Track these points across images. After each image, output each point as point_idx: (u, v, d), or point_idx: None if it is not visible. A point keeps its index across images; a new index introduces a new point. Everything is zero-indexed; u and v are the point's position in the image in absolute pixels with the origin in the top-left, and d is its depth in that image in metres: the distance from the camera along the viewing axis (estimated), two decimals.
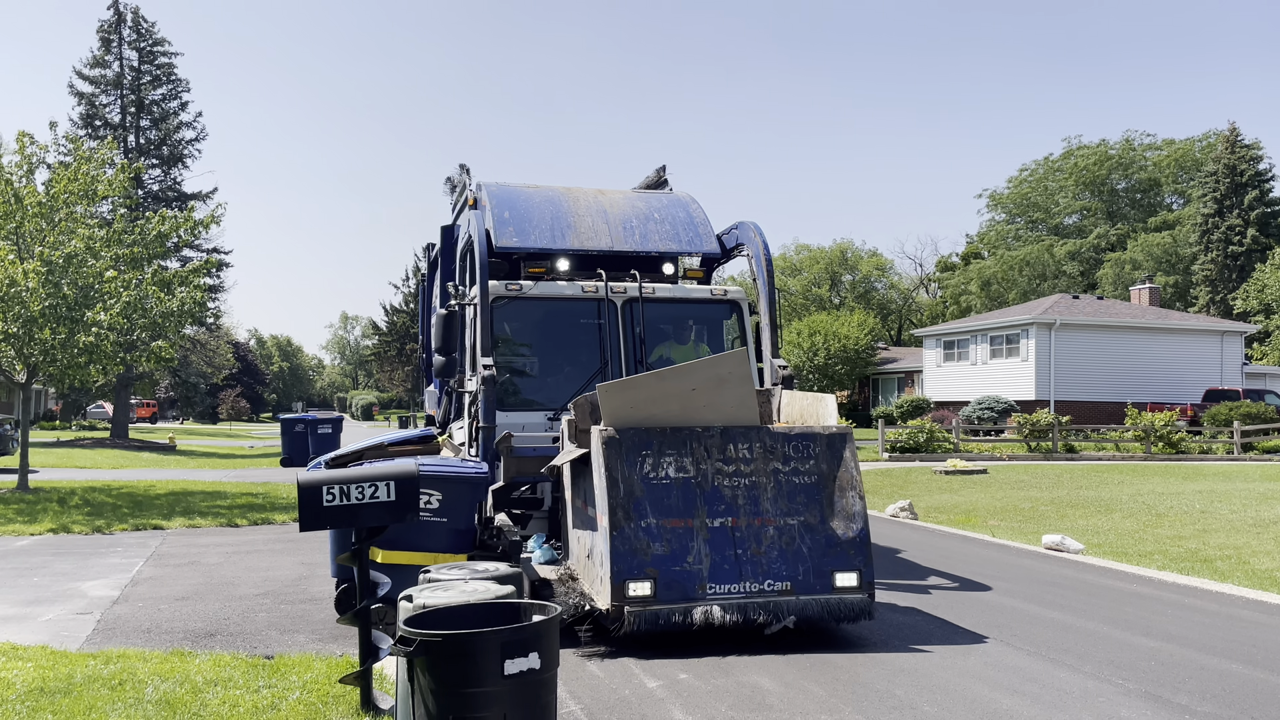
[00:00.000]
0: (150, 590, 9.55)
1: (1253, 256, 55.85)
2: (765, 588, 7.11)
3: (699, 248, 11.14)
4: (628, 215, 11.31)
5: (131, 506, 16.04)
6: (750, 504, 7.25)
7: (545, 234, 10.74)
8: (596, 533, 7.26)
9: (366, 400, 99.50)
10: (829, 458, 7.50)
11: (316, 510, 5.33)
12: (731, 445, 7.37)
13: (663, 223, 11.30)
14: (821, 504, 7.37)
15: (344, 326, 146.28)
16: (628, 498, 7.04)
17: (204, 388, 66.67)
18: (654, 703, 6.12)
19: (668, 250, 11.03)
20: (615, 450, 7.14)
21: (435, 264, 16.78)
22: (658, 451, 7.22)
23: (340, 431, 27.54)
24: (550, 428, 9.63)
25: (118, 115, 45.00)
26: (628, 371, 10.02)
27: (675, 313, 10.81)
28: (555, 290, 10.30)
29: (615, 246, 10.85)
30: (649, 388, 7.33)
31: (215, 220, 21.39)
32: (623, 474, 7.10)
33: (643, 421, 7.29)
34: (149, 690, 5.94)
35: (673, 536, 7.04)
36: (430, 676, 4.18)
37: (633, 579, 6.92)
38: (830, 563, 7.25)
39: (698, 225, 11.37)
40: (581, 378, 10.01)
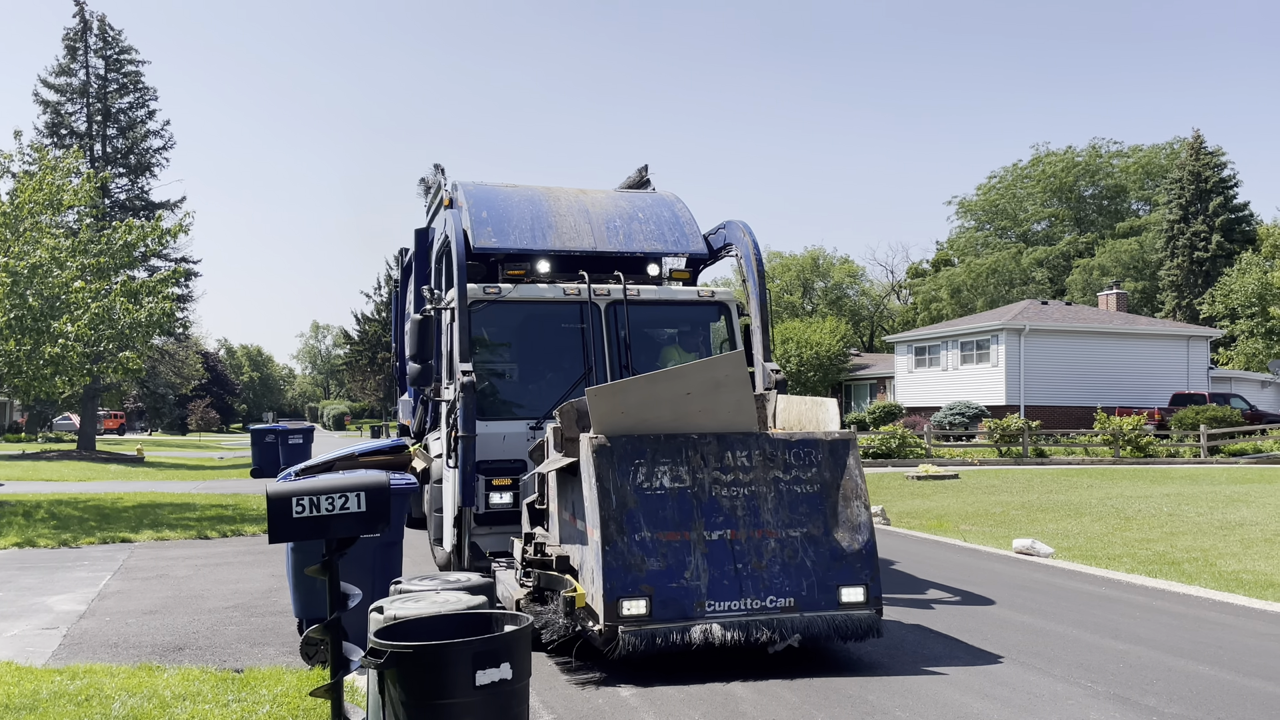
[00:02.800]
0: (118, 604, 9.43)
1: (1218, 262, 56.58)
2: (767, 604, 6.66)
3: (685, 248, 10.79)
4: (611, 215, 10.95)
5: (99, 519, 15.84)
6: (750, 515, 6.82)
7: (525, 234, 10.35)
8: (586, 547, 6.80)
9: (338, 410, 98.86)
10: (832, 465, 7.07)
11: (286, 522, 5.27)
12: (729, 453, 6.95)
13: (647, 223, 10.94)
14: (825, 514, 6.93)
15: (315, 336, 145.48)
16: (620, 509, 6.60)
17: (173, 398, 66.09)
18: (627, 710, 6.11)
19: (653, 251, 10.68)
20: (606, 459, 6.70)
21: (409, 269, 16.34)
22: (651, 460, 6.78)
23: (311, 442, 27.33)
24: (533, 437, 9.20)
25: (84, 124, 44.58)
26: (613, 377, 9.60)
27: (661, 315, 10.49)
28: (536, 293, 9.90)
29: (598, 247, 10.48)
30: (640, 392, 6.92)
31: (183, 229, 21.19)
32: (615, 484, 6.65)
33: (634, 428, 6.88)
34: (116, 706, 5.86)
35: (669, 551, 6.58)
36: (401, 688, 4.16)
37: (627, 596, 6.45)
38: (835, 577, 6.81)
39: (683, 225, 11.03)
40: (564, 384, 9.64)
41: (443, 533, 9.99)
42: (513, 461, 9.22)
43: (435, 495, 10.36)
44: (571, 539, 7.26)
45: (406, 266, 16.55)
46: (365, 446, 8.51)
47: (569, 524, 7.38)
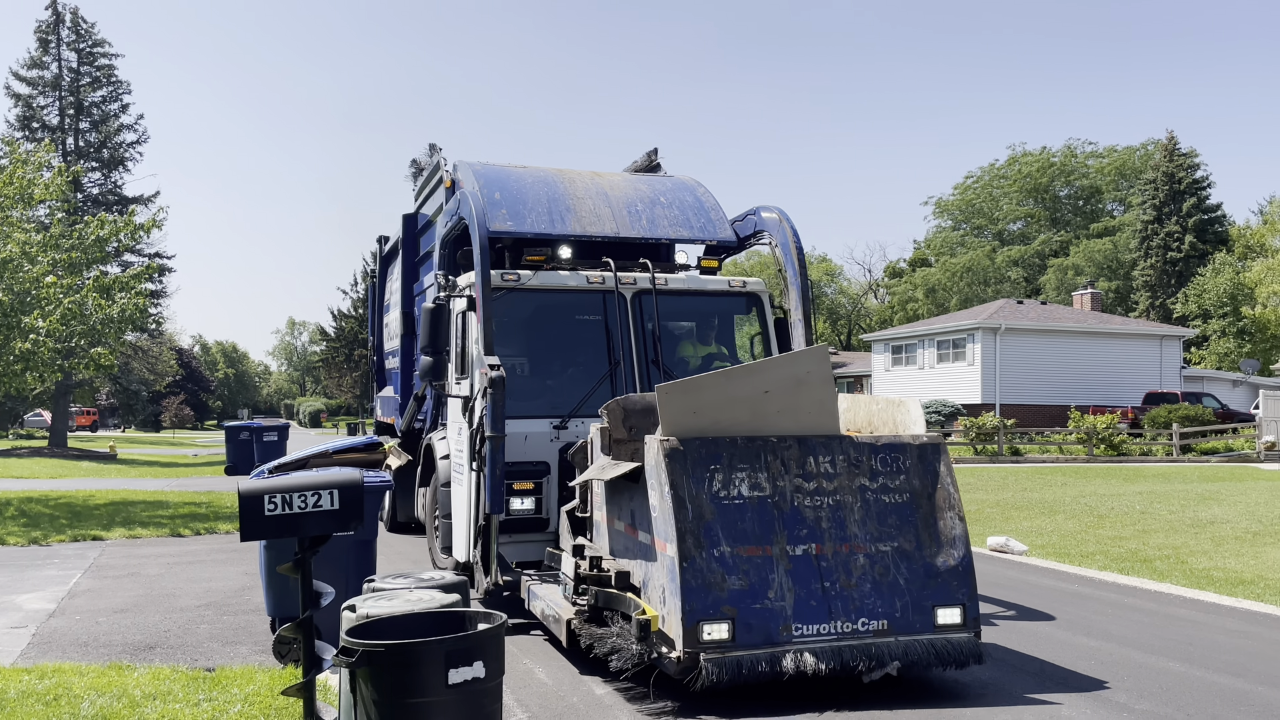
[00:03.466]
0: (88, 603, 9.34)
1: (1191, 262, 57.16)
2: (859, 627, 6.01)
3: (712, 235, 10.02)
4: (631, 199, 10.18)
5: (70, 517, 15.68)
6: (836, 527, 6.17)
7: (543, 218, 9.57)
8: (653, 564, 6.12)
9: (314, 407, 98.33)
10: (921, 472, 6.43)
11: (258, 519, 5.24)
12: (811, 458, 6.30)
13: (670, 207, 10.18)
14: (917, 527, 6.30)
15: (291, 332, 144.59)
16: (697, 521, 5.92)
17: (146, 395, 65.55)
18: (601, 709, 6.10)
19: (679, 237, 9.96)
20: (680, 464, 6.01)
21: (390, 258, 15.72)
22: (728, 466, 6.11)
23: (286, 439, 27.13)
24: (556, 437, 8.64)
25: (56, 117, 44.13)
26: (640, 372, 9.00)
27: (689, 307, 9.82)
28: (557, 281, 9.15)
29: (621, 232, 9.71)
30: (715, 390, 6.29)
31: (157, 224, 21.01)
32: (690, 493, 5.97)
33: (707, 430, 6.23)
34: (85, 705, 5.80)
35: (750, 567, 5.93)
36: (372, 687, 4.14)
37: (708, 619, 5.77)
38: (931, 596, 6.18)
39: (708, 211, 10.28)
40: (587, 380, 8.98)
41: (452, 540, 9.34)
42: (535, 464, 8.57)
43: (444, 499, 9.62)
44: (630, 553, 6.59)
45: (387, 255, 15.98)
46: (339, 444, 8.46)
47: (624, 535, 6.73)
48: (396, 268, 14.65)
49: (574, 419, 8.66)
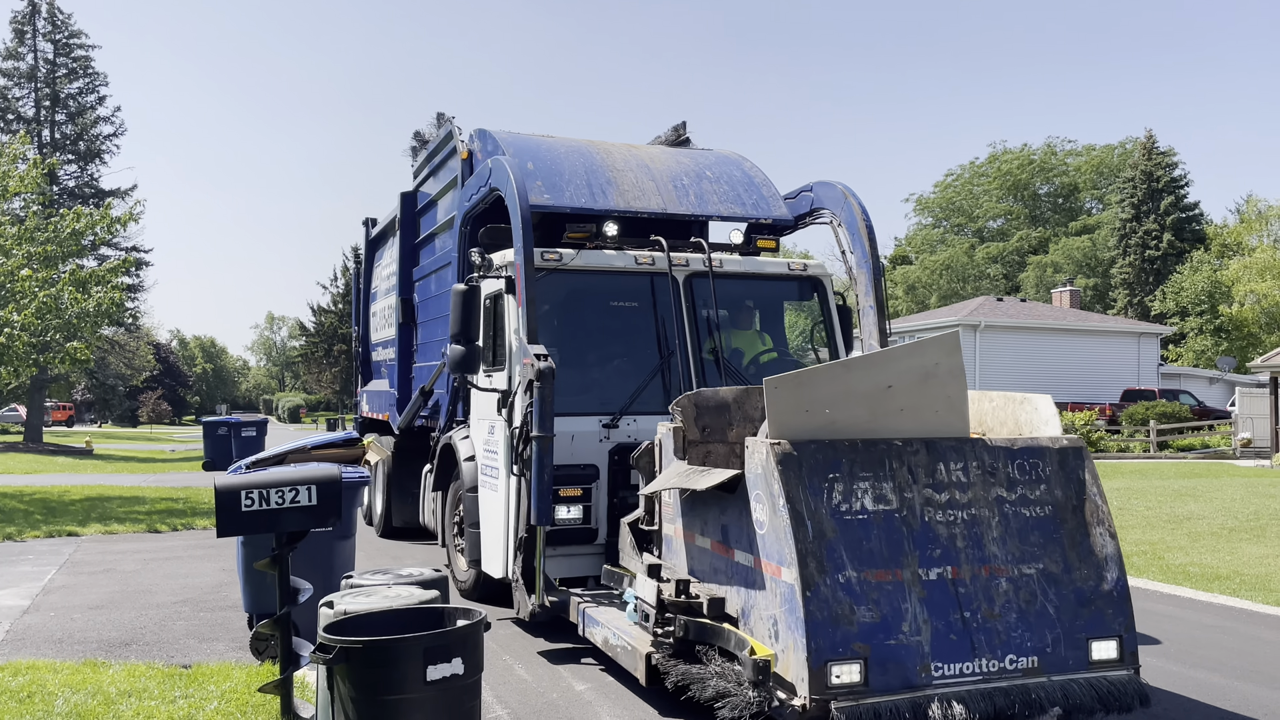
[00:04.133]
0: (63, 599, 9.25)
1: (1169, 260, 57.58)
2: (1007, 665, 5.12)
3: (766, 213, 9.15)
4: (675, 172, 9.26)
5: (45, 513, 15.54)
6: (973, 547, 5.33)
7: (582, 191, 8.66)
8: (761, 591, 5.28)
9: (293, 402, 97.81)
10: (1063, 481, 5.59)
11: (235, 515, 5.20)
12: (941, 465, 5.45)
13: (718, 182, 9.29)
14: (1063, 545, 5.47)
15: (270, 327, 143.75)
16: (818, 541, 5.03)
17: (123, 390, 65.08)
18: (581, 705, 6.09)
19: (730, 215, 9.07)
20: (795, 472, 5.12)
21: (379, 242, 14.78)
22: (849, 474, 5.22)
23: (265, 434, 26.99)
24: (605, 437, 7.81)
25: (32, 109, 43.72)
26: (695, 364, 8.19)
27: (744, 292, 8.93)
28: (602, 261, 8.27)
29: (668, 209, 8.82)
30: (831, 384, 5.48)
31: (134, 218, 20.83)
32: (808, 506, 5.08)
33: (821, 431, 5.38)
34: (59, 702, 5.74)
35: (880, 595, 5.05)
36: (350, 684, 4.11)
37: (837, 659, 4.83)
38: (1084, 627, 5.31)
39: (759, 186, 9.43)
40: (635, 373, 8.13)
41: (480, 552, 8.41)
42: (584, 467, 7.70)
43: (469, 507, 8.68)
44: (720, 575, 5.73)
45: (375, 240, 14.97)
46: (318, 439, 8.40)
47: (710, 554, 5.85)
48: (388, 252, 13.74)
49: (626, 417, 7.89)
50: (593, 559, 7.78)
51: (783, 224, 9.26)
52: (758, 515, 5.30)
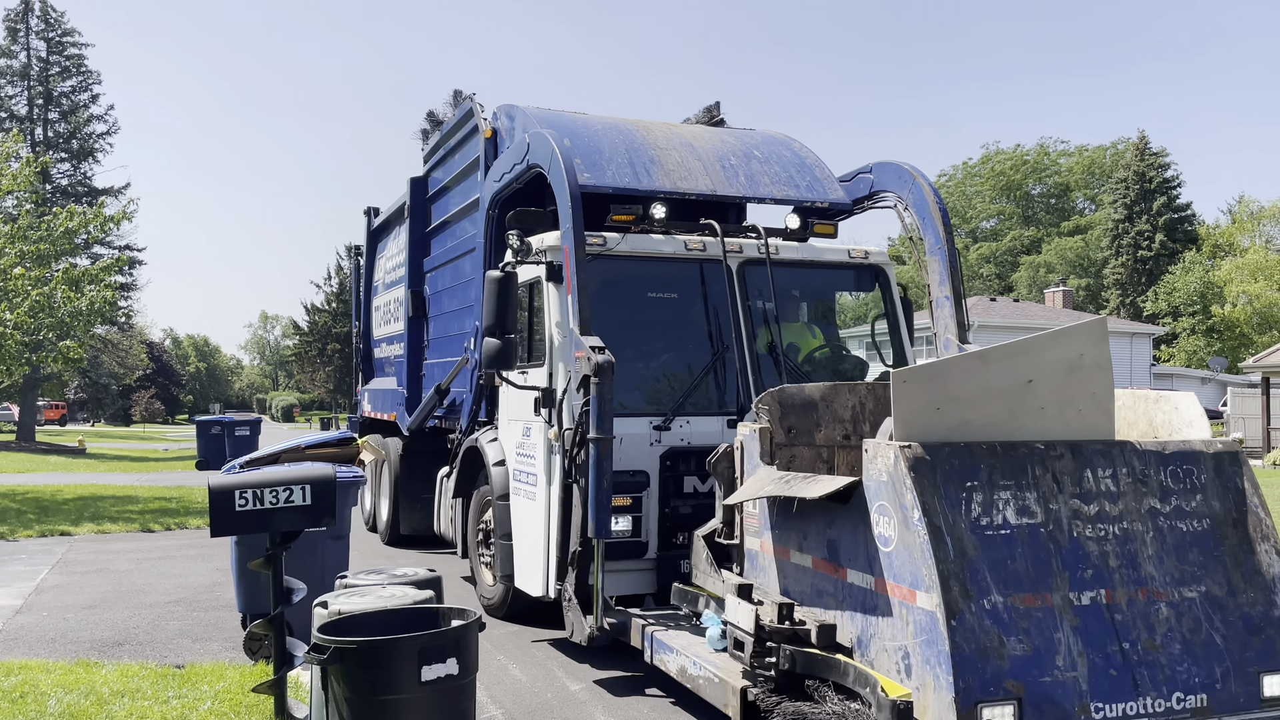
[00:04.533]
0: (56, 599, 9.23)
1: (1161, 261, 57.74)
2: (1174, 706, 4.43)
3: (822, 196, 8.41)
4: (722, 152, 8.56)
5: (37, 512, 15.50)
6: (1127, 566, 4.65)
7: (625, 170, 7.95)
8: (886, 618, 4.59)
9: (287, 402, 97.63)
10: (1220, 490, 4.91)
11: (229, 515, 5.20)
12: (1088, 472, 4.77)
13: (768, 163, 8.57)
14: (1225, 564, 4.79)
15: (264, 326, 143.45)
16: (960, 560, 4.34)
17: (116, 389, 64.94)
18: (576, 705, 6.09)
19: (784, 198, 8.31)
20: (929, 480, 4.45)
21: (382, 232, 13.92)
22: (988, 483, 4.55)
23: (259, 433, 26.92)
24: (657, 440, 7.13)
25: (24, 107, 43.59)
26: (751, 359, 7.49)
27: (800, 281, 8.36)
28: (650, 246, 7.61)
29: (718, 190, 8.11)
30: (965, 379, 4.81)
31: (127, 216, 20.75)
32: (946, 520, 4.41)
33: (953, 432, 4.71)
34: (52, 703, 5.73)
35: (1029, 624, 4.35)
36: (345, 684, 4.11)
37: (988, 699, 4.13)
38: (1254, 659, 4.63)
39: (812, 168, 8.72)
40: (686, 369, 7.52)
41: (514, 567, 7.71)
42: (633, 473, 7.03)
43: (500, 516, 7.93)
44: (827, 598, 5.05)
45: (377, 230, 14.11)
46: (312, 439, 8.39)
47: (812, 574, 5.21)
48: (394, 242, 12.92)
49: (680, 417, 7.23)
50: (643, 575, 7.17)
51: (839, 208, 8.53)
52: (881, 530, 4.63)
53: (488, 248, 8.65)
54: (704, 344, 7.62)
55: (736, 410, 7.29)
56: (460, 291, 9.87)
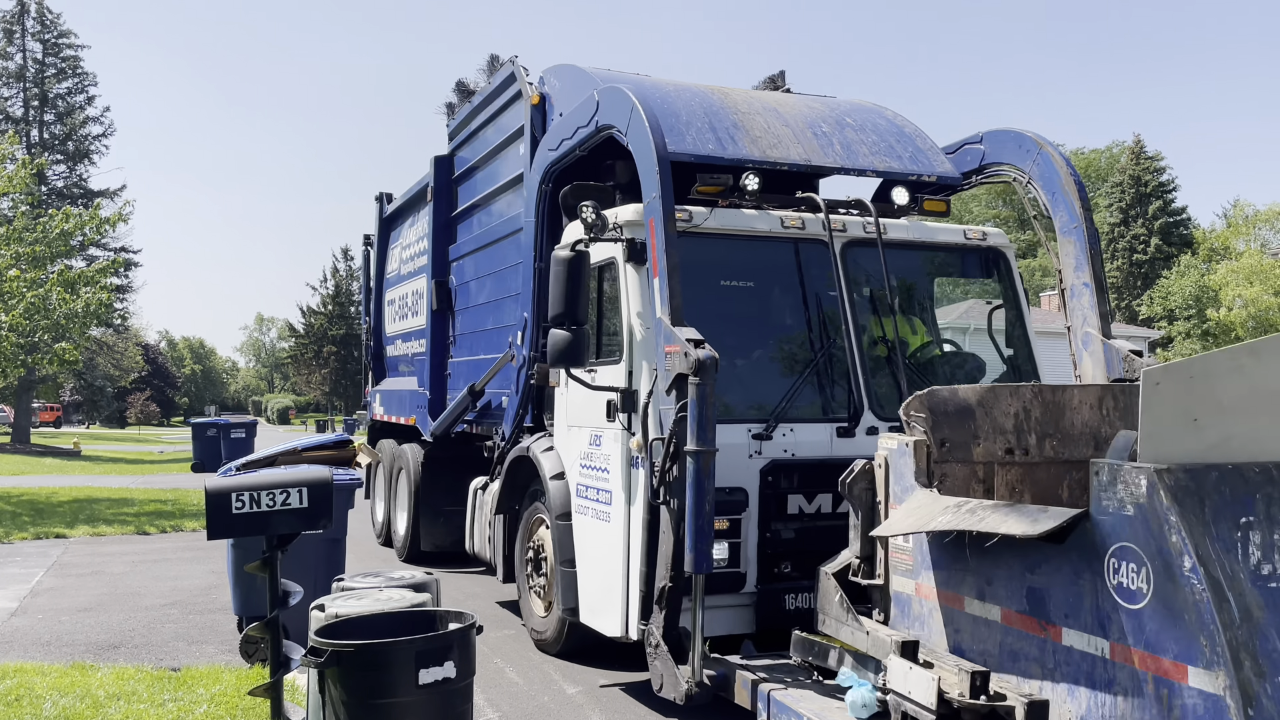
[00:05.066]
0: (51, 601, 9.20)
1: (1156, 265, 57.86)
2: None
3: (928, 168, 7.34)
4: (811, 118, 7.45)
5: (32, 514, 15.46)
6: None
7: (706, 136, 6.81)
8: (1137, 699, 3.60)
9: (283, 404, 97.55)
10: None
11: (225, 517, 5.18)
12: None
13: (863, 131, 7.50)
14: None
15: (259, 328, 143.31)
16: (1246, 625, 3.35)
17: (111, 391, 64.81)
18: (573, 709, 6.08)
19: (888, 170, 7.21)
20: (1196, 516, 3.47)
21: (396, 220, 12.90)
22: (1266, 519, 3.53)
23: (254, 436, 26.90)
24: (756, 451, 6.07)
25: (20, 109, 43.55)
26: (860, 355, 6.46)
27: (911, 265, 7.34)
28: (741, 223, 6.56)
29: (812, 160, 7.00)
30: (1229, 380, 3.76)
31: (123, 218, 20.75)
32: (1224, 570, 3.42)
33: (1212, 451, 3.67)
34: (47, 706, 5.72)
35: None
36: (342, 688, 4.10)
37: None
38: None
39: (913, 138, 7.66)
40: (785, 367, 6.53)
41: (578, 600, 6.61)
42: (729, 491, 5.92)
43: (561, 538, 6.80)
44: (1031, 664, 4.05)
45: (391, 218, 13.08)
46: (308, 441, 8.38)
47: (1003, 630, 4.20)
48: (411, 229, 12.00)
49: (783, 425, 6.18)
50: (740, 612, 6.08)
51: (948, 182, 7.45)
52: (1123, 580, 3.66)
53: (539, 228, 7.61)
54: (805, 338, 6.65)
55: (848, 417, 6.34)
56: (497, 280, 8.98)
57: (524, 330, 7.75)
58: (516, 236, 8.26)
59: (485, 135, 9.57)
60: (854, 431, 6.30)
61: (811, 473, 6.06)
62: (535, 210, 7.65)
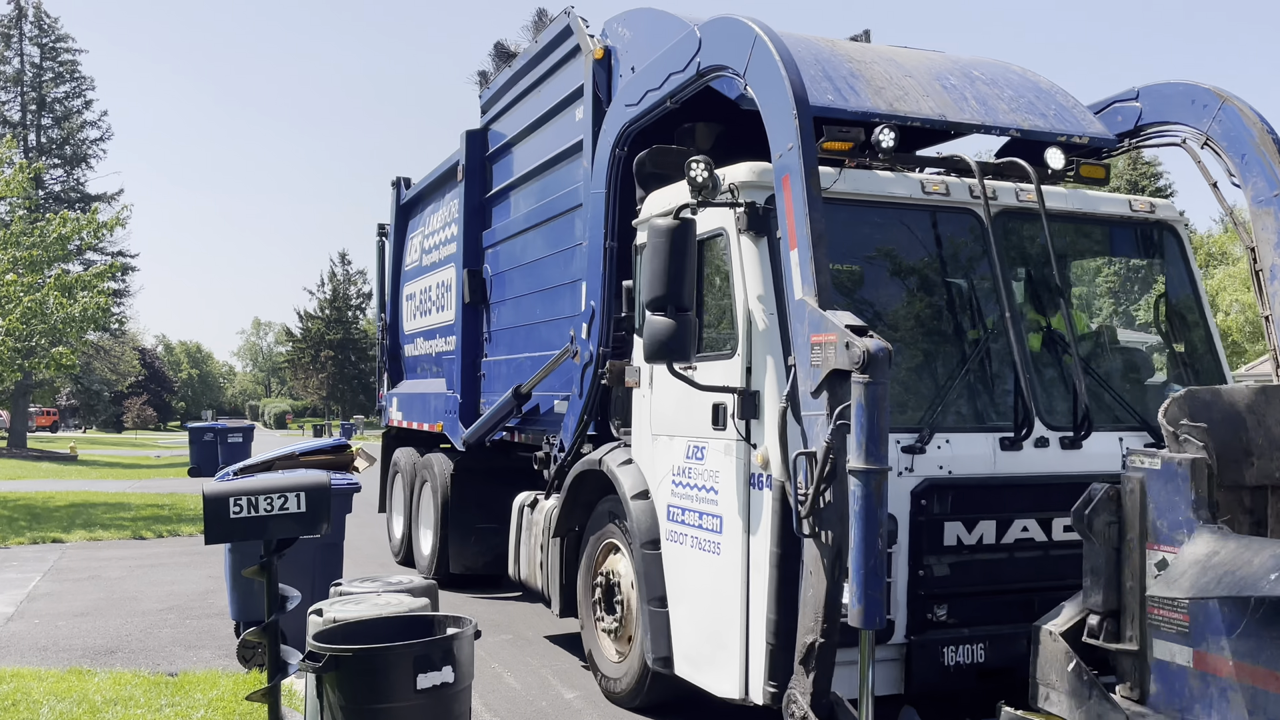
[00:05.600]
0: (48, 606, 9.19)
1: None
2: None
3: (1078, 128, 6.12)
4: (936, 70, 6.24)
5: (29, 519, 15.43)
6: None
7: (822, 84, 5.59)
8: None
9: (280, 408, 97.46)
10: None
11: (223, 522, 5.17)
12: None
13: (996, 84, 6.30)
14: None
15: (256, 333, 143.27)
16: None
17: (108, 395, 64.80)
18: (571, 713, 6.08)
19: (1034, 129, 6.00)
20: None
21: (416, 207, 11.81)
22: None
23: (251, 440, 26.87)
24: (908, 468, 4.99)
25: (18, 113, 43.59)
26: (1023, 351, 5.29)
27: (1068, 239, 6.20)
28: (877, 187, 5.47)
29: (947, 115, 5.80)
30: None
31: (120, 222, 20.83)
32: None
33: None
34: (44, 711, 5.71)
35: None
36: (340, 692, 4.10)
37: None
38: None
39: (1053, 94, 6.46)
40: (932, 362, 5.49)
41: (671, 647, 5.60)
42: None
43: (650, 571, 5.74)
44: None
45: (410, 204, 12.01)
46: (306, 445, 8.38)
47: None
48: (435, 215, 10.93)
49: (938, 435, 5.08)
50: (885, 669, 4.91)
51: (1101, 144, 6.28)
52: None
53: (610, 201, 6.53)
54: (954, 327, 5.64)
55: (1014, 425, 5.22)
56: (547, 266, 7.97)
57: (590, 321, 6.68)
58: (573, 214, 7.39)
59: (530, 102, 8.50)
60: (1020, 443, 5.19)
61: (973, 495, 5.02)
62: (606, 180, 6.56)
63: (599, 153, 6.73)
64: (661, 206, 5.69)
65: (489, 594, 9.56)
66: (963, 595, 5.01)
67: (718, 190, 5.12)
